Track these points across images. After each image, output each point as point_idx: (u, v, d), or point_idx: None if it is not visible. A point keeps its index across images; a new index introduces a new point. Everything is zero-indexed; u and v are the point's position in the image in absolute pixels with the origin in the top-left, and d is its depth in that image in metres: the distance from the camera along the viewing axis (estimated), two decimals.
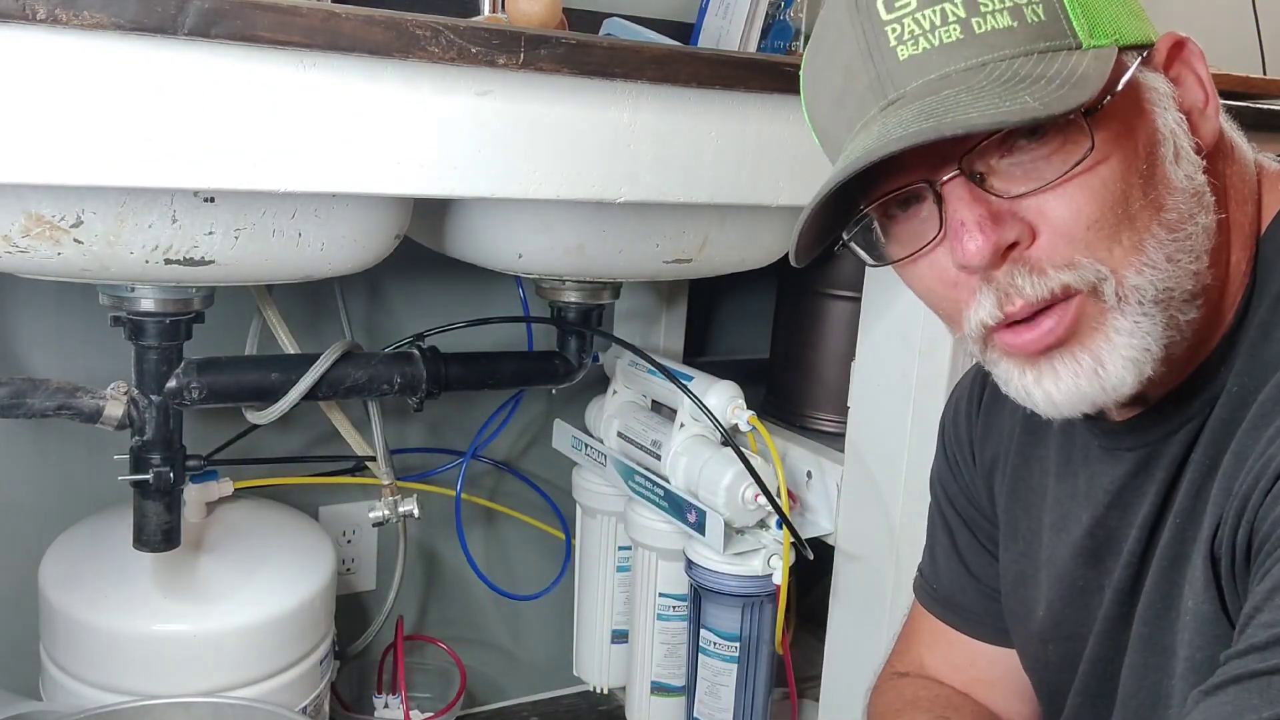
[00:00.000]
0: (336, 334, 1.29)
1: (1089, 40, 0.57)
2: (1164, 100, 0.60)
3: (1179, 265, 0.59)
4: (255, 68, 0.76)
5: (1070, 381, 0.60)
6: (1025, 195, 0.58)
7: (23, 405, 0.98)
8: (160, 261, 0.87)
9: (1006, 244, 0.58)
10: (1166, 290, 0.58)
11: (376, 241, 0.98)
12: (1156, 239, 0.58)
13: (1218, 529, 0.59)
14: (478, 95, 0.84)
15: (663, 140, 0.92)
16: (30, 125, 0.71)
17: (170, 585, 1.09)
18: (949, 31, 0.57)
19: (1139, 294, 0.58)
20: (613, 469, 1.33)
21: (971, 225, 0.58)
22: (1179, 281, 0.59)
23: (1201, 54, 0.61)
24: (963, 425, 0.84)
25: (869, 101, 0.60)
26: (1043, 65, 0.56)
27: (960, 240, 0.58)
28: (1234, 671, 0.52)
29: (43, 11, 0.68)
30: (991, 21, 0.57)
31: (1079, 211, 0.57)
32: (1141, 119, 0.59)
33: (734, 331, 1.71)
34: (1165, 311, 0.59)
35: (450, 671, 1.43)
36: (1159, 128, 0.59)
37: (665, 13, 1.42)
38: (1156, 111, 0.59)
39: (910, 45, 0.58)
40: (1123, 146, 0.57)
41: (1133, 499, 0.67)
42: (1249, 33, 1.69)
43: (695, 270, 1.16)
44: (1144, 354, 0.59)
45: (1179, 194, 0.59)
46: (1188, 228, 0.59)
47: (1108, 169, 0.57)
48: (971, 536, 0.85)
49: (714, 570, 1.20)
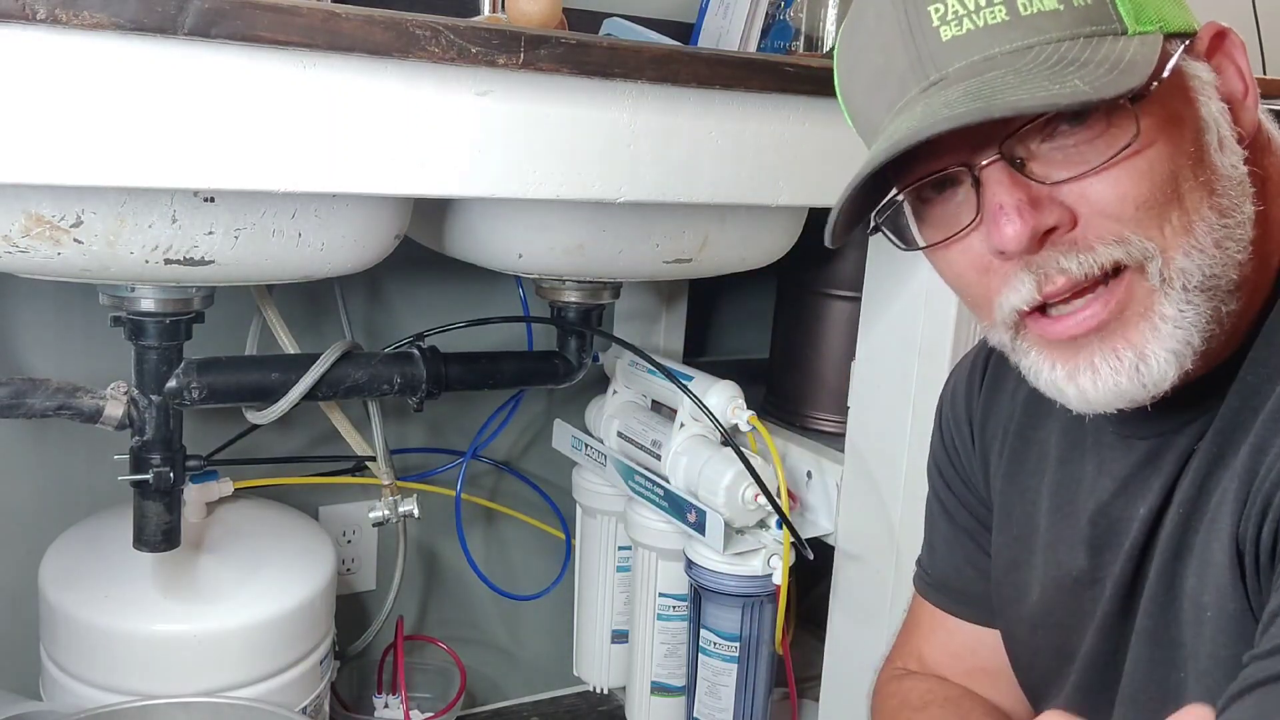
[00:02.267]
0: (336, 334, 1.29)
1: (1135, 26, 0.57)
2: (1207, 89, 0.59)
3: (1226, 252, 0.58)
4: (255, 68, 0.76)
5: (1110, 378, 0.58)
6: (1067, 181, 0.57)
7: (23, 405, 0.98)
8: (160, 261, 0.88)
9: (1045, 228, 0.57)
10: (1213, 277, 0.58)
11: (376, 241, 0.98)
12: (1207, 222, 0.57)
13: (1240, 524, 0.58)
14: (478, 95, 0.84)
15: (663, 140, 0.92)
16: (30, 125, 0.71)
17: (170, 585, 1.09)
18: (994, 13, 0.57)
19: (1185, 278, 0.57)
20: (613, 469, 1.33)
21: (1010, 209, 0.57)
22: (1225, 270, 0.58)
23: (1242, 45, 0.61)
24: (962, 406, 0.83)
25: (910, 82, 0.59)
26: (1089, 50, 0.56)
27: (998, 224, 0.58)
28: (1258, 675, 0.51)
29: (43, 11, 0.68)
30: (1038, 4, 0.56)
31: (1125, 195, 0.57)
32: (1187, 106, 0.59)
33: (734, 331, 1.71)
34: (1210, 301, 0.58)
35: (450, 671, 1.43)
36: (1203, 115, 0.59)
37: (665, 13, 1.42)
38: (1201, 99, 0.59)
39: (954, 26, 0.58)
40: (1169, 132, 0.57)
41: (1139, 489, 0.66)
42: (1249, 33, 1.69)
43: (695, 270, 1.16)
44: (1185, 346, 0.58)
45: (1227, 181, 0.59)
46: (1236, 215, 0.58)
47: (1155, 152, 0.57)
48: (970, 517, 0.84)
49: (714, 570, 1.20)
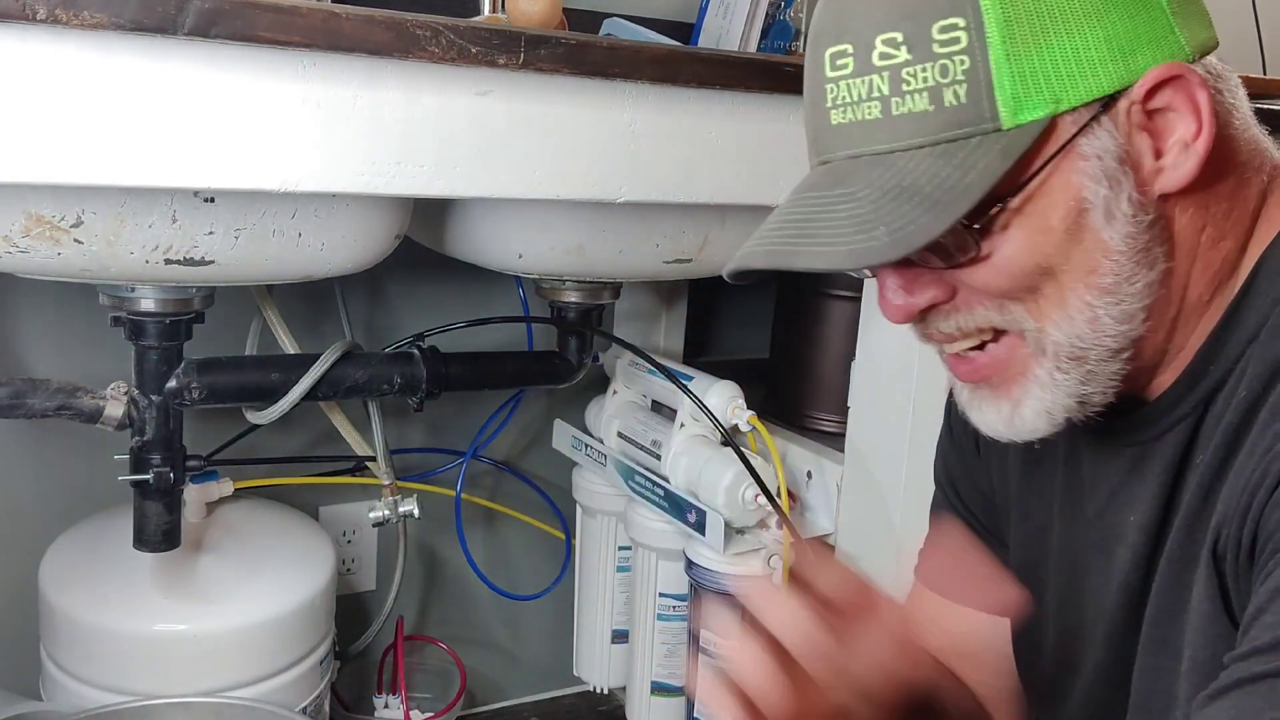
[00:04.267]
0: (336, 334, 1.29)
1: (1012, 118, 0.56)
2: (1100, 164, 0.58)
3: (1100, 327, 0.60)
4: (255, 68, 0.76)
5: (992, 418, 0.65)
6: (942, 269, 0.61)
7: (23, 405, 0.98)
8: (160, 261, 0.87)
9: (920, 306, 0.62)
10: (1082, 349, 0.61)
11: (376, 241, 0.98)
12: (1081, 299, 0.59)
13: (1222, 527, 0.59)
14: (478, 95, 0.84)
15: (663, 140, 0.92)
16: (30, 125, 0.71)
17: (170, 585, 1.09)
18: (870, 108, 0.59)
19: (1056, 348, 0.61)
20: (613, 469, 1.33)
21: (893, 289, 0.62)
22: (1099, 341, 0.60)
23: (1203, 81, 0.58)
24: None
25: (811, 150, 0.64)
26: (939, 163, 0.57)
27: (882, 301, 0.63)
28: (1237, 675, 0.52)
29: (43, 11, 0.68)
30: (909, 103, 0.57)
31: (989, 284, 0.60)
32: (1058, 195, 0.58)
33: (734, 331, 1.71)
34: (1082, 367, 0.61)
35: (450, 671, 1.43)
36: (1086, 197, 0.58)
37: (665, 13, 1.42)
38: (1084, 181, 0.58)
39: (840, 112, 0.60)
40: (1031, 228, 0.58)
41: (1127, 498, 0.67)
42: (1249, 33, 1.69)
43: (695, 270, 1.16)
44: (1056, 406, 0.62)
45: (1116, 256, 0.59)
46: (1123, 289, 0.59)
47: (1012, 251, 0.59)
48: (970, 514, 0.84)
49: (714, 570, 1.20)
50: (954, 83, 0.56)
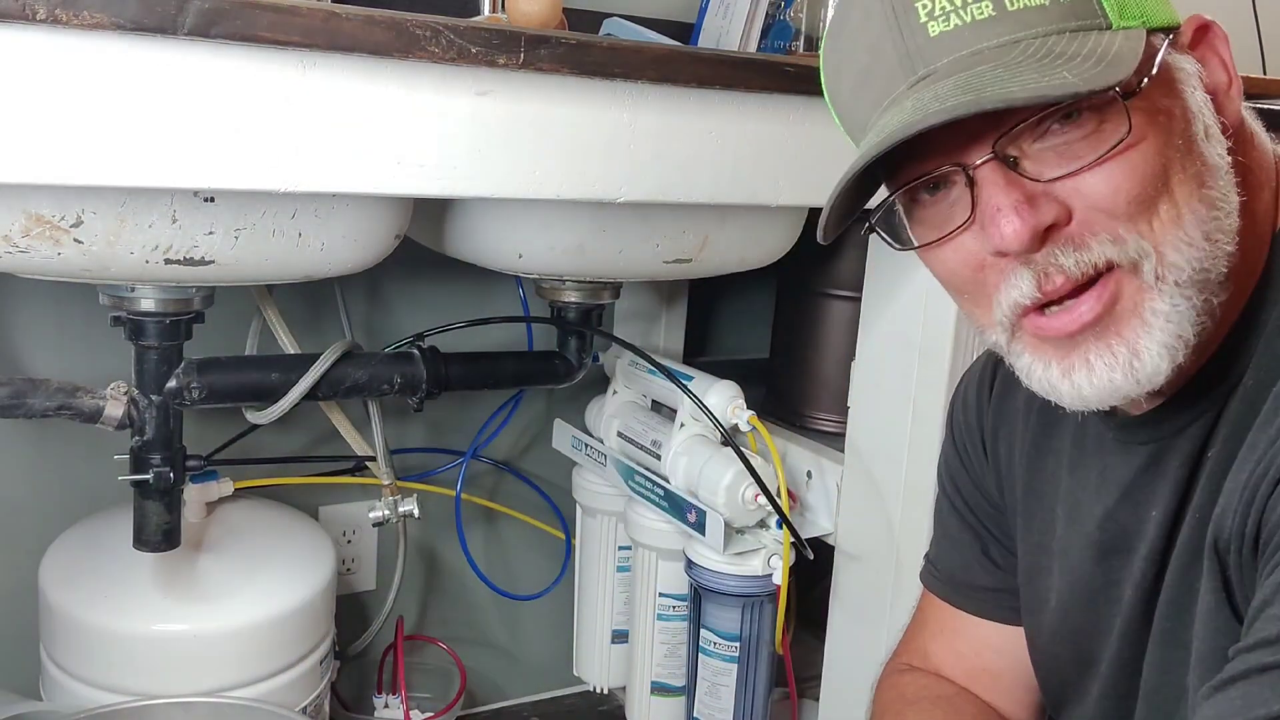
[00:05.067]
0: (336, 334, 1.29)
1: (1119, 21, 0.57)
2: (1192, 80, 0.60)
3: (1217, 245, 0.58)
4: (255, 68, 0.76)
5: (1104, 374, 0.59)
6: (1061, 178, 0.57)
7: (23, 405, 0.98)
8: (160, 261, 0.87)
9: (1044, 225, 0.58)
10: (1203, 271, 0.58)
11: (376, 241, 0.98)
12: (1196, 215, 0.58)
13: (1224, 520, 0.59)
14: (478, 95, 0.84)
15: (663, 140, 0.92)
16: (30, 125, 0.71)
17: (170, 585, 1.09)
18: (981, 8, 0.57)
19: (1177, 273, 0.57)
20: (613, 469, 1.33)
21: (1008, 209, 0.57)
22: (1215, 262, 0.58)
23: (1225, 38, 0.62)
24: (973, 414, 0.84)
25: (898, 78, 0.59)
26: (1076, 43, 0.56)
27: (997, 224, 0.58)
28: (1243, 666, 0.52)
29: (43, 11, 0.68)
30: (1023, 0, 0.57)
31: (1118, 189, 0.57)
32: (1174, 98, 0.59)
33: (734, 331, 1.71)
34: (1201, 294, 0.58)
35: (450, 671, 1.43)
36: (1190, 107, 0.59)
37: (665, 13, 1.42)
38: (1187, 91, 0.59)
39: (941, 21, 0.58)
40: (1159, 124, 0.58)
41: (1145, 495, 0.67)
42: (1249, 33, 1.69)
43: (695, 270, 1.16)
44: (1177, 340, 0.58)
45: (1215, 171, 0.59)
46: (1225, 206, 0.59)
47: (1147, 146, 0.57)
48: (977, 520, 0.85)
49: (714, 570, 1.20)
50: None
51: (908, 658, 0.89)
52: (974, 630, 0.85)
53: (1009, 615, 0.83)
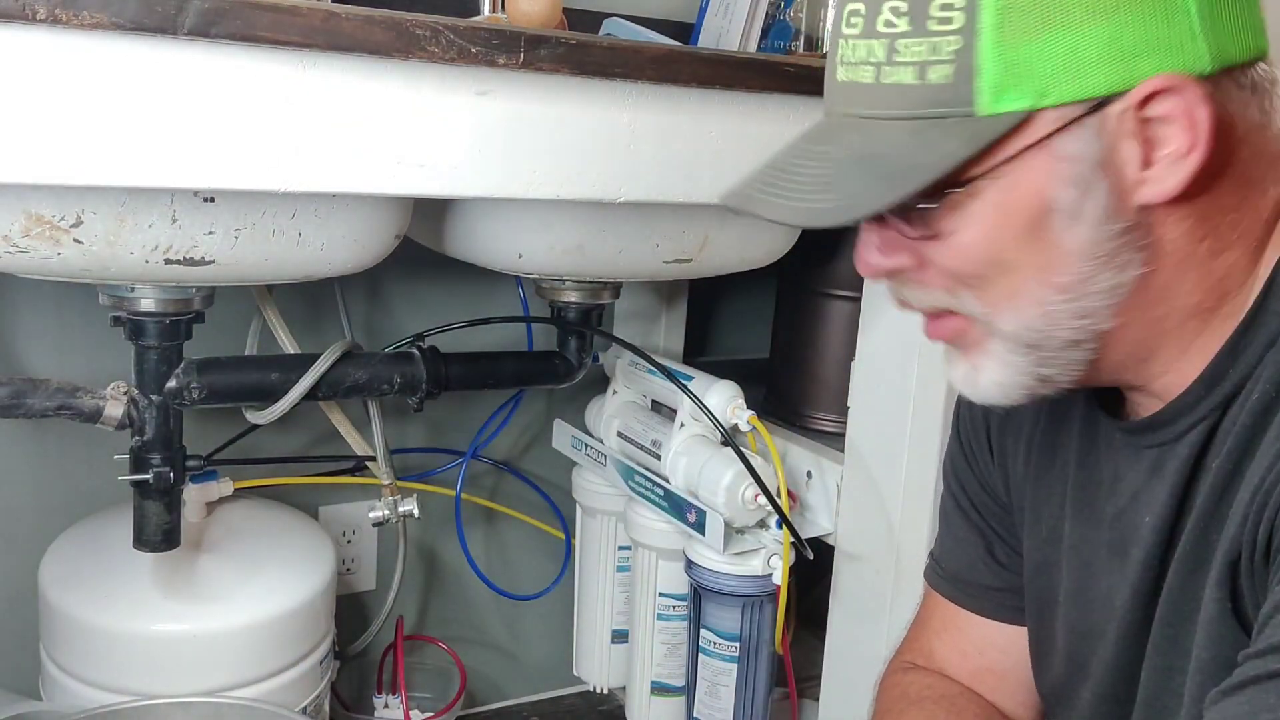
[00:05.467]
0: (336, 334, 1.29)
1: (989, 106, 0.56)
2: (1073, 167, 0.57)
3: (1054, 320, 0.60)
4: (255, 68, 0.76)
5: (959, 377, 0.66)
6: (909, 238, 0.62)
7: (23, 405, 0.98)
8: (160, 261, 0.88)
9: (888, 268, 0.64)
10: (1036, 338, 0.61)
11: (376, 241, 0.98)
12: (1033, 296, 0.60)
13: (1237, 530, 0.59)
14: (478, 95, 0.84)
15: (663, 140, 0.92)
16: (30, 125, 0.71)
17: (170, 585, 1.09)
18: (865, 71, 0.60)
19: (1012, 335, 0.62)
20: (613, 469, 1.33)
21: (867, 246, 0.64)
22: (1052, 334, 0.61)
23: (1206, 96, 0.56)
24: (979, 412, 0.84)
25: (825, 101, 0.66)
26: (909, 138, 0.58)
27: (859, 254, 0.65)
28: (1252, 672, 0.52)
29: (43, 11, 0.68)
30: (898, 74, 0.58)
31: (947, 266, 0.62)
32: (1022, 190, 0.58)
33: (734, 331, 1.71)
34: (1036, 352, 0.62)
35: (450, 671, 1.43)
36: (1052, 197, 0.57)
37: (665, 13, 1.42)
38: (1051, 181, 0.57)
39: (845, 70, 0.62)
40: (988, 218, 0.59)
41: (1148, 498, 0.67)
42: None
43: (695, 270, 1.16)
44: (1011, 383, 0.64)
45: (1074, 258, 0.59)
46: (1081, 289, 0.59)
47: (972, 235, 0.60)
48: (981, 518, 0.85)
49: (714, 570, 1.20)
50: (941, 61, 0.57)
51: (911, 656, 0.89)
52: (978, 629, 0.85)
53: (1013, 615, 0.83)
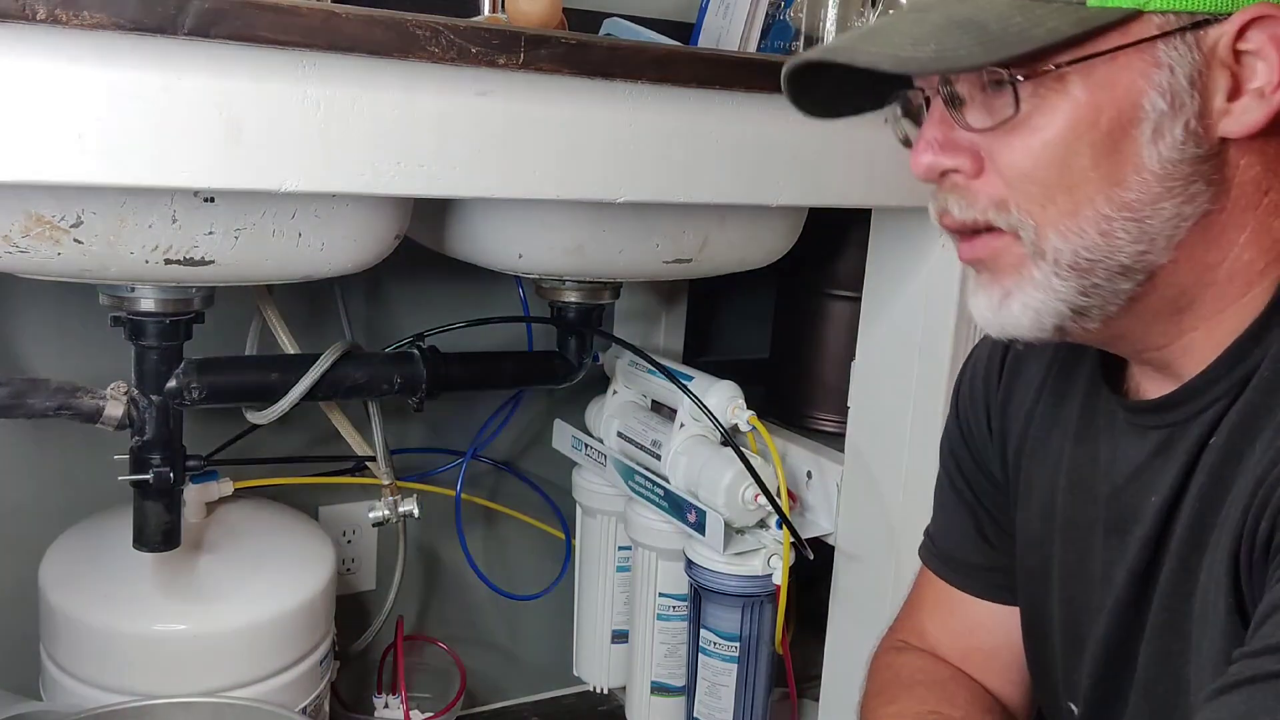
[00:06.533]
0: (336, 334, 1.29)
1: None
2: (1169, 76, 0.57)
3: (1113, 241, 0.59)
4: (255, 68, 0.76)
5: (983, 304, 0.64)
6: (981, 131, 0.60)
7: (23, 405, 0.98)
8: (160, 261, 0.88)
9: (943, 169, 0.62)
10: (1088, 260, 0.59)
11: (376, 241, 0.98)
12: (1098, 210, 0.58)
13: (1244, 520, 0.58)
14: (478, 95, 0.84)
15: (663, 140, 0.92)
16: (30, 125, 0.71)
17: (170, 585, 1.09)
18: None
19: (1056, 254, 0.60)
20: (613, 469, 1.33)
21: (924, 143, 0.62)
22: (1109, 255, 0.59)
23: None
24: (979, 390, 0.83)
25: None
26: (1014, 13, 0.56)
27: (915, 152, 0.63)
28: (1248, 672, 0.51)
29: (43, 11, 0.68)
30: None
31: (1013, 162, 0.59)
32: (1117, 90, 0.57)
33: (734, 331, 1.71)
34: (1083, 278, 0.60)
35: (450, 671, 1.43)
36: (1142, 104, 0.57)
37: (665, 13, 1.42)
38: (1146, 87, 0.57)
39: None
40: (1075, 113, 0.57)
41: (1152, 478, 0.66)
42: None
43: (695, 270, 1.16)
44: (1046, 310, 0.61)
45: (1147, 175, 0.58)
46: (1146, 210, 0.58)
47: (1051, 130, 0.58)
48: (975, 497, 0.85)
49: (714, 570, 1.20)
50: None
51: (904, 635, 0.89)
52: (968, 608, 0.85)
53: (1002, 595, 0.83)
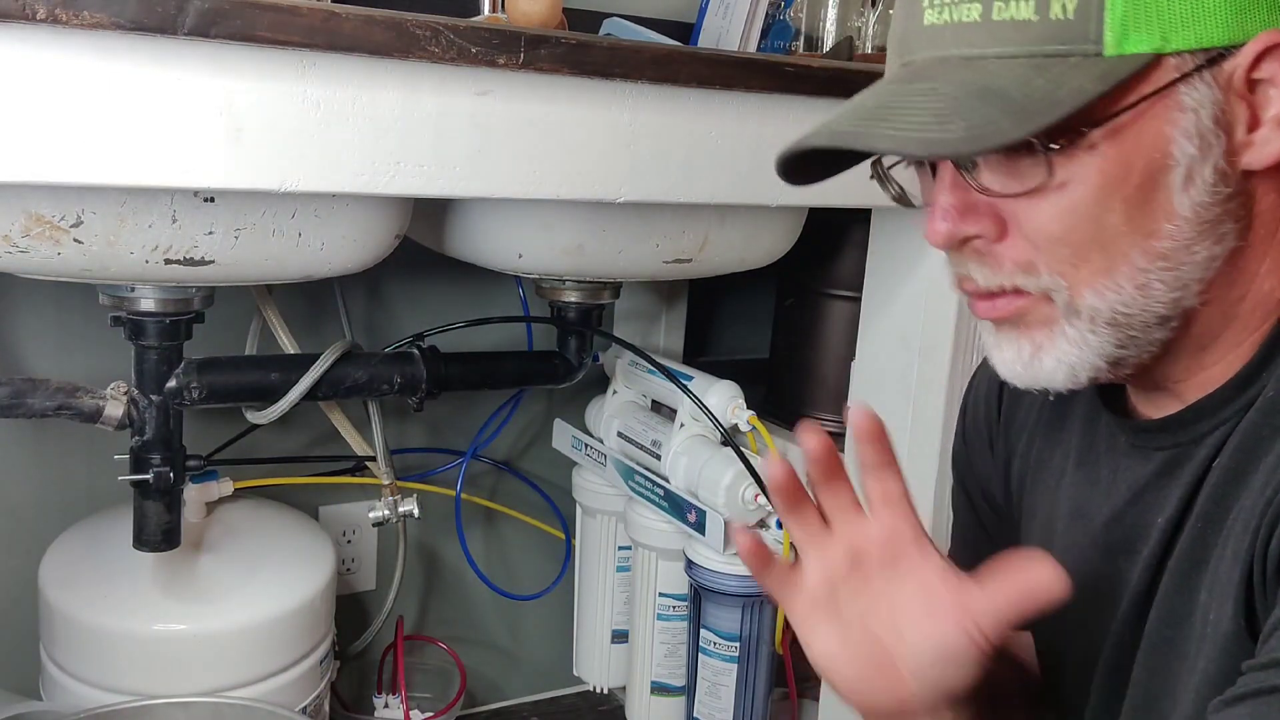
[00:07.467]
0: (336, 334, 1.29)
1: (1115, 47, 0.53)
2: (1195, 119, 0.55)
3: (1150, 293, 0.57)
4: (255, 68, 0.76)
5: (1010, 357, 0.62)
6: (1000, 196, 0.58)
7: (23, 405, 0.98)
8: (160, 261, 0.88)
9: (964, 236, 0.59)
10: (1125, 315, 0.58)
11: (376, 241, 0.98)
12: (1133, 265, 0.57)
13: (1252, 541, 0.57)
14: (478, 95, 0.84)
15: (663, 140, 0.92)
16: (30, 125, 0.71)
17: (170, 585, 1.09)
18: (970, 10, 0.56)
19: (1092, 313, 0.58)
20: (613, 469, 1.33)
21: (940, 211, 0.59)
22: (1146, 307, 0.58)
23: None
24: (982, 412, 0.83)
25: (893, 54, 0.61)
26: (1033, 74, 0.54)
27: (930, 220, 0.60)
28: (1254, 685, 0.51)
29: (43, 11, 0.68)
30: (1012, 9, 0.55)
31: (1042, 227, 0.57)
32: (1145, 140, 0.55)
33: (734, 331, 1.71)
34: (1120, 332, 0.58)
35: (450, 671, 1.43)
36: (1172, 152, 0.55)
37: (665, 13, 1.43)
38: (1174, 133, 0.55)
39: (934, 12, 0.58)
40: (1107, 169, 0.55)
41: (1155, 499, 0.66)
42: None
43: (695, 270, 1.16)
44: (1082, 364, 0.59)
45: (1180, 222, 0.56)
46: (1181, 257, 0.57)
47: (1081, 190, 0.56)
48: (976, 518, 0.84)
49: (714, 570, 1.20)
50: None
51: None
52: None
53: None
